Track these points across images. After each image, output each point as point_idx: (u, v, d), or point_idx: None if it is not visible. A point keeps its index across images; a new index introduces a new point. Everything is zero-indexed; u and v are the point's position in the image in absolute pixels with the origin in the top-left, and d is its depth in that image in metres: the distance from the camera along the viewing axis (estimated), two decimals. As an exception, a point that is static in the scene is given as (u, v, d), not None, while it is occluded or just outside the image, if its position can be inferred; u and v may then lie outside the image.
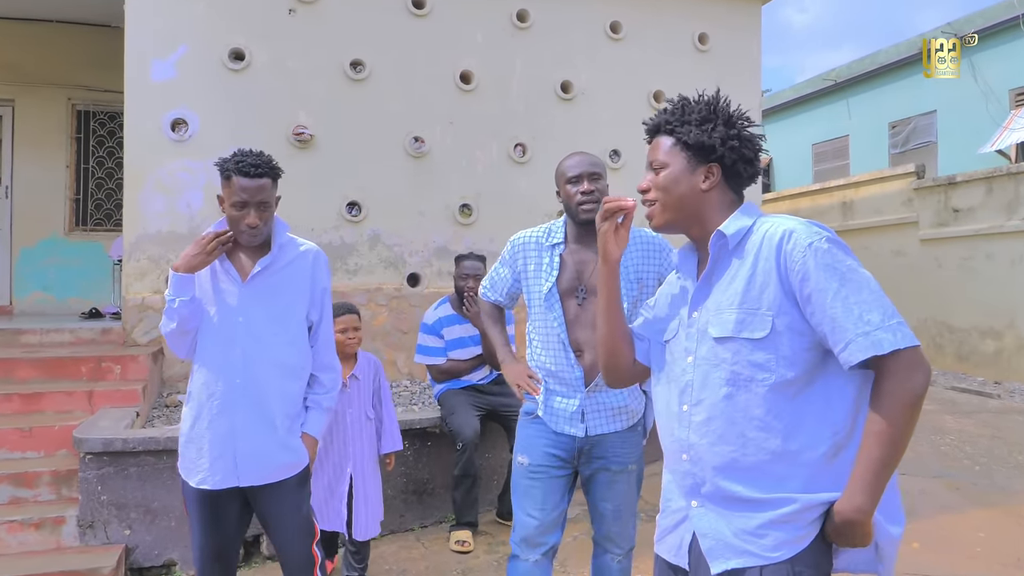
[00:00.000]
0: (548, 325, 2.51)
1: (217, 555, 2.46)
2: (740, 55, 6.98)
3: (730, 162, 1.58)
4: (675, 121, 1.61)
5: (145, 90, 5.14)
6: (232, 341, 2.38)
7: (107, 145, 7.65)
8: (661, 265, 2.52)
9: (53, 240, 7.41)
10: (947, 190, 9.68)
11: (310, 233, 5.47)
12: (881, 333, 1.38)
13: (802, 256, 1.44)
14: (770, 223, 1.54)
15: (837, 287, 1.42)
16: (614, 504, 2.54)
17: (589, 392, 2.48)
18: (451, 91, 5.94)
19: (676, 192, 1.59)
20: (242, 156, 2.36)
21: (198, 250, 2.33)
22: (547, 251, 2.57)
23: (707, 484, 1.54)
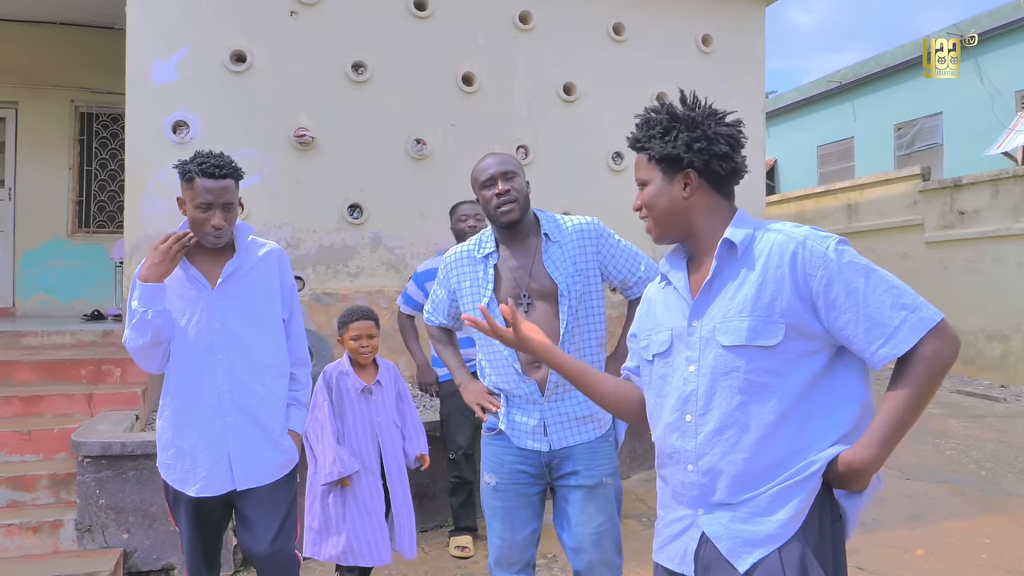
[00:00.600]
0: (491, 344, 2.35)
1: (207, 558, 2.49)
2: (744, 57, 6.94)
3: (701, 164, 1.56)
4: (643, 138, 1.62)
5: (146, 92, 5.13)
6: (212, 348, 2.36)
7: (110, 147, 7.65)
8: (599, 252, 2.40)
9: (56, 242, 7.41)
10: (953, 192, 9.62)
11: (312, 235, 5.47)
12: (919, 314, 1.42)
13: (822, 262, 1.45)
14: (774, 231, 1.53)
15: (864, 285, 1.44)
16: (594, 527, 2.31)
17: (547, 402, 2.33)
18: (453, 93, 5.92)
19: (661, 206, 1.60)
20: (204, 158, 2.33)
21: (161, 257, 2.24)
22: (480, 263, 2.42)
23: (718, 492, 1.52)
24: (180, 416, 2.38)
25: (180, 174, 2.34)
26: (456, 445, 3.94)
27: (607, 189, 6.31)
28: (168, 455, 2.41)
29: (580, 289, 2.35)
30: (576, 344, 2.34)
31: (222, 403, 2.36)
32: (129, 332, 2.31)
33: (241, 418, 2.38)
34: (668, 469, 1.63)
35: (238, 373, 2.37)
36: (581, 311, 2.35)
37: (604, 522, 2.33)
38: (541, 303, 2.35)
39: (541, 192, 5.85)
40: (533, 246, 2.39)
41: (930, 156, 12.17)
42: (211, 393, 2.35)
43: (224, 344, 2.36)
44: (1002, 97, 10.97)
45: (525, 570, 2.44)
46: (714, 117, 1.58)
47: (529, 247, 2.39)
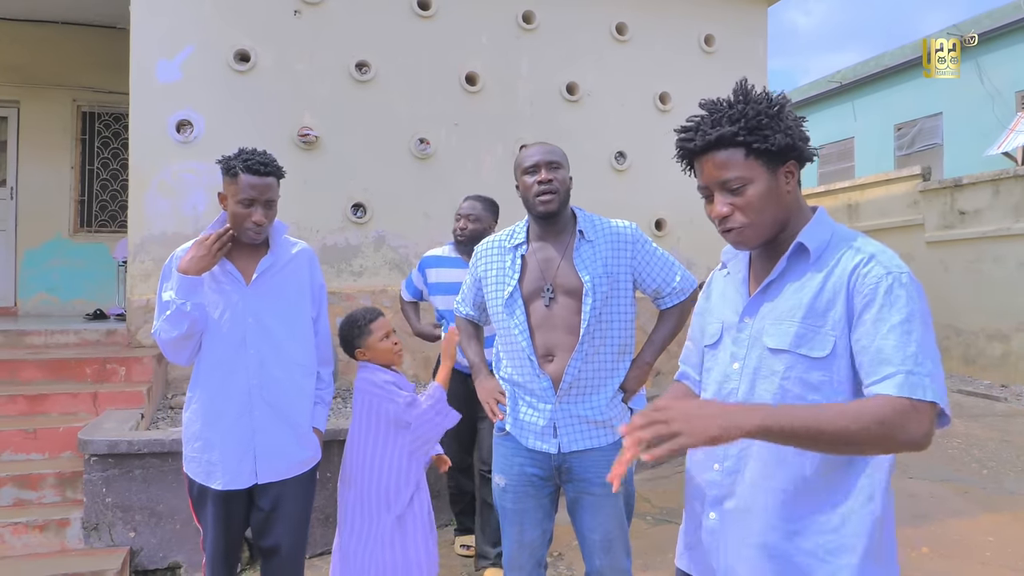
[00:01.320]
0: (509, 332, 2.34)
1: (227, 554, 2.49)
2: (746, 57, 6.96)
3: (805, 153, 1.44)
4: (744, 129, 1.41)
5: (151, 91, 5.14)
6: (244, 342, 2.39)
7: (112, 146, 7.64)
8: (634, 258, 2.35)
9: (57, 241, 7.40)
10: (953, 192, 9.64)
11: (315, 234, 5.47)
12: (927, 380, 1.27)
13: (876, 281, 1.34)
14: (848, 241, 1.43)
15: (900, 321, 1.31)
16: (602, 534, 2.30)
17: (559, 401, 2.29)
18: (456, 93, 5.92)
19: (769, 206, 1.43)
20: (249, 154, 2.35)
21: (203, 251, 2.29)
22: (509, 253, 2.40)
23: (734, 499, 1.47)
24: (209, 409, 2.40)
25: (224, 170, 2.36)
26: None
27: (610, 189, 6.32)
28: (194, 447, 2.42)
29: (606, 291, 2.30)
30: (595, 347, 2.29)
31: (252, 398, 2.38)
32: (162, 324, 2.33)
33: (269, 413, 2.41)
34: (694, 466, 1.59)
35: (269, 369, 2.40)
36: (605, 314, 2.30)
37: (613, 529, 2.31)
38: (565, 298, 2.30)
39: (544, 191, 5.88)
40: (566, 242, 2.35)
41: (930, 156, 12.19)
42: (241, 388, 2.37)
43: (256, 340, 2.39)
44: (1002, 97, 10.99)
45: (536, 571, 2.42)
46: (784, 99, 1.47)
47: (562, 242, 2.36)
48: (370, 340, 2.67)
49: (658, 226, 6.56)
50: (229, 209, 2.37)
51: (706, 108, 1.48)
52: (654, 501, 4.77)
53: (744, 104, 1.42)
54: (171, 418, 4.58)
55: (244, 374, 2.38)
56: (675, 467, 5.71)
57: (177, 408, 4.80)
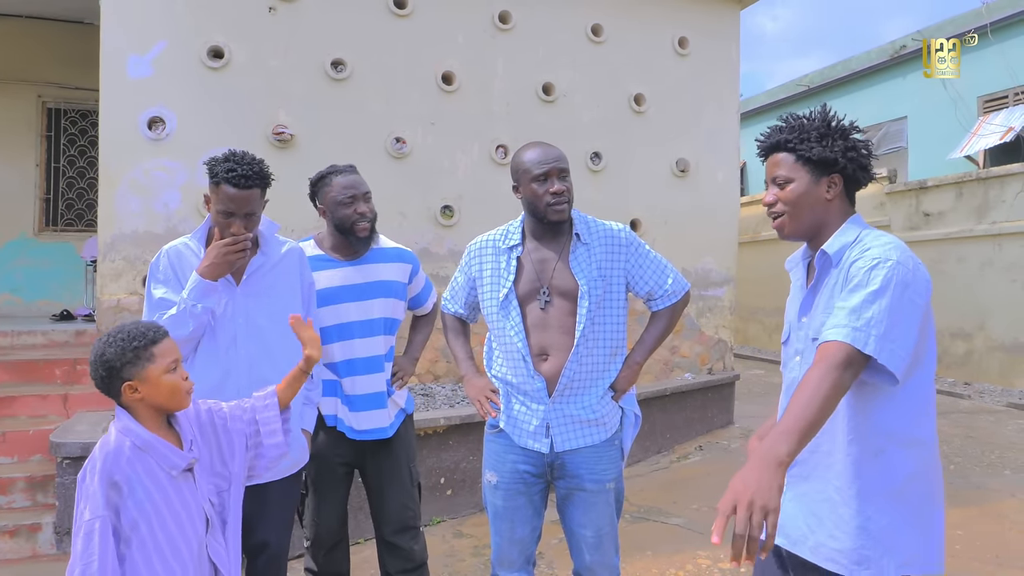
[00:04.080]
0: (505, 333, 2.34)
1: None
2: (719, 59, 7.04)
3: (851, 171, 1.71)
4: (794, 139, 1.73)
5: (121, 87, 5.03)
6: (235, 343, 2.36)
7: (78, 144, 7.49)
8: (628, 261, 2.36)
9: (22, 241, 7.24)
10: (918, 194, 9.86)
11: (290, 234, 5.39)
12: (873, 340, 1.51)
13: (862, 267, 1.59)
14: (874, 242, 1.64)
15: (869, 292, 1.55)
16: (594, 530, 2.31)
17: (553, 402, 2.30)
18: (433, 92, 5.90)
19: (803, 204, 1.73)
20: (234, 163, 2.26)
21: (218, 259, 2.25)
22: (504, 254, 2.39)
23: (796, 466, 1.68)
24: None
25: (208, 174, 2.30)
26: (312, 535, 2.80)
27: (585, 189, 6.34)
28: None
29: (600, 294, 2.31)
30: (589, 348, 2.31)
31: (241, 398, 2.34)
32: (163, 324, 2.20)
33: None
34: None
35: (259, 369, 2.37)
36: (599, 316, 2.31)
37: (604, 526, 2.32)
38: (560, 300, 2.31)
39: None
40: (562, 244, 2.36)
41: (895, 159, 12.44)
42: (231, 388, 2.34)
43: (247, 340, 2.36)
44: (964, 102, 11.25)
45: (525, 568, 2.42)
46: (857, 130, 1.75)
47: (558, 244, 2.36)
48: (151, 370, 1.78)
49: (633, 226, 6.60)
50: (212, 215, 2.33)
51: (781, 120, 1.82)
52: (633, 499, 4.81)
53: (805, 120, 1.75)
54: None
55: (235, 374, 2.35)
56: (651, 466, 5.76)
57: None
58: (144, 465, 1.75)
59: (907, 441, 1.62)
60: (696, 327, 6.97)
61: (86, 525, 1.66)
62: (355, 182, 2.74)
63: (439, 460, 4.53)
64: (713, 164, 6.98)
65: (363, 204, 2.70)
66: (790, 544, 1.72)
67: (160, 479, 1.77)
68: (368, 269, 2.75)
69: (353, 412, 2.70)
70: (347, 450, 2.73)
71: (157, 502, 1.75)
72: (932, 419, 1.67)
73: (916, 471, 1.63)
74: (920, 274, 1.59)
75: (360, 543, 4.04)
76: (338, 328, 2.70)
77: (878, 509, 1.61)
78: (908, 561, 1.60)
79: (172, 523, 1.77)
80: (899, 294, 1.54)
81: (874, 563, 1.59)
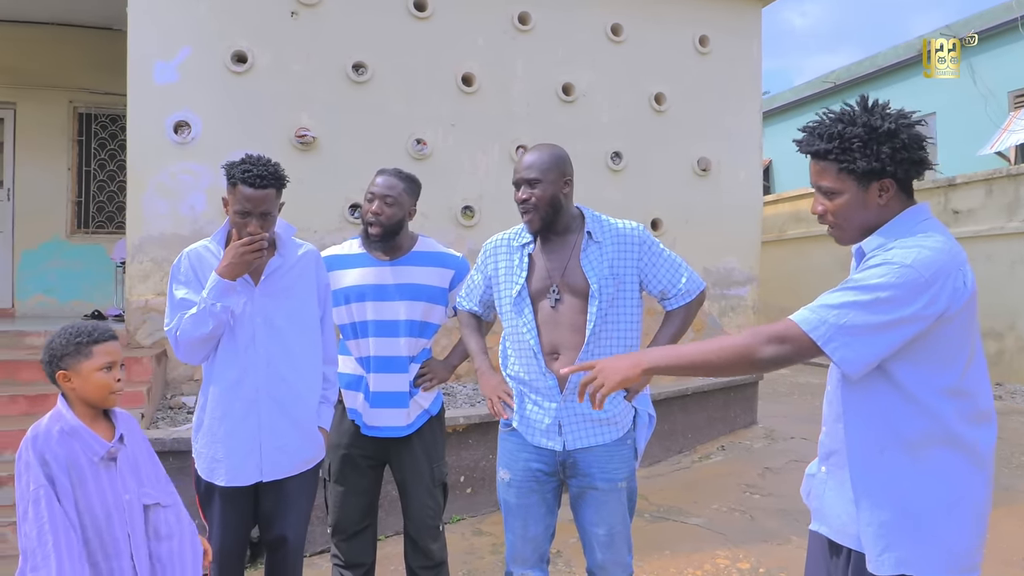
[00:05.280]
0: (518, 331, 2.36)
1: (234, 552, 2.52)
2: (741, 57, 7.00)
3: (903, 173, 1.60)
4: (836, 149, 1.59)
5: (148, 92, 5.15)
6: (253, 342, 2.42)
7: (109, 148, 7.65)
8: (641, 260, 2.35)
9: (55, 243, 7.40)
10: (947, 192, 9.71)
11: (313, 235, 5.48)
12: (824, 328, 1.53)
13: (873, 263, 1.56)
14: (913, 242, 1.55)
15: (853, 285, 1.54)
16: (606, 528, 2.32)
17: (564, 399, 2.31)
18: (453, 93, 5.95)
19: (854, 215, 1.63)
20: (249, 164, 2.34)
21: (235, 259, 2.32)
22: (516, 251, 2.42)
23: (833, 456, 1.73)
24: (218, 406, 2.43)
25: (226, 176, 2.37)
26: (333, 522, 2.88)
27: (606, 189, 6.35)
28: (202, 443, 2.46)
29: (612, 292, 2.32)
30: (600, 347, 2.31)
31: (259, 396, 2.42)
32: (185, 323, 2.34)
33: (276, 411, 2.44)
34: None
35: (277, 368, 2.43)
36: (611, 315, 2.32)
37: (616, 524, 2.34)
38: (571, 298, 2.32)
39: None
40: (572, 242, 2.36)
41: (924, 156, 12.25)
42: (249, 386, 2.41)
43: (265, 339, 2.42)
44: (995, 97, 11.06)
45: (539, 565, 2.44)
46: (905, 121, 1.59)
47: (568, 243, 2.36)
48: (85, 365, 1.96)
49: (654, 226, 6.59)
50: (229, 216, 2.40)
51: (820, 117, 1.65)
52: (652, 499, 4.81)
53: (844, 125, 1.59)
54: (170, 418, 4.59)
55: (252, 373, 2.42)
56: (673, 466, 5.75)
57: (177, 408, 4.81)
58: (68, 449, 1.93)
59: (915, 443, 1.59)
60: (718, 326, 6.93)
61: (32, 495, 1.85)
62: (380, 183, 2.78)
63: (459, 459, 4.56)
64: (735, 163, 6.94)
65: (379, 204, 2.72)
66: (832, 532, 1.74)
67: (82, 464, 1.93)
68: (402, 271, 2.79)
69: (372, 408, 2.75)
70: (368, 444, 2.78)
71: (78, 484, 1.92)
72: (955, 426, 1.59)
73: (926, 474, 1.59)
74: (940, 283, 1.49)
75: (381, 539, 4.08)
76: (361, 325, 2.76)
77: (876, 504, 1.62)
78: (905, 560, 1.59)
79: (96, 507, 1.94)
80: (890, 295, 1.48)
81: (874, 555, 1.62)
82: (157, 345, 5.08)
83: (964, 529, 1.61)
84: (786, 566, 3.77)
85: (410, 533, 2.84)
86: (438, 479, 2.86)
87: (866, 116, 1.59)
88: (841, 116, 1.62)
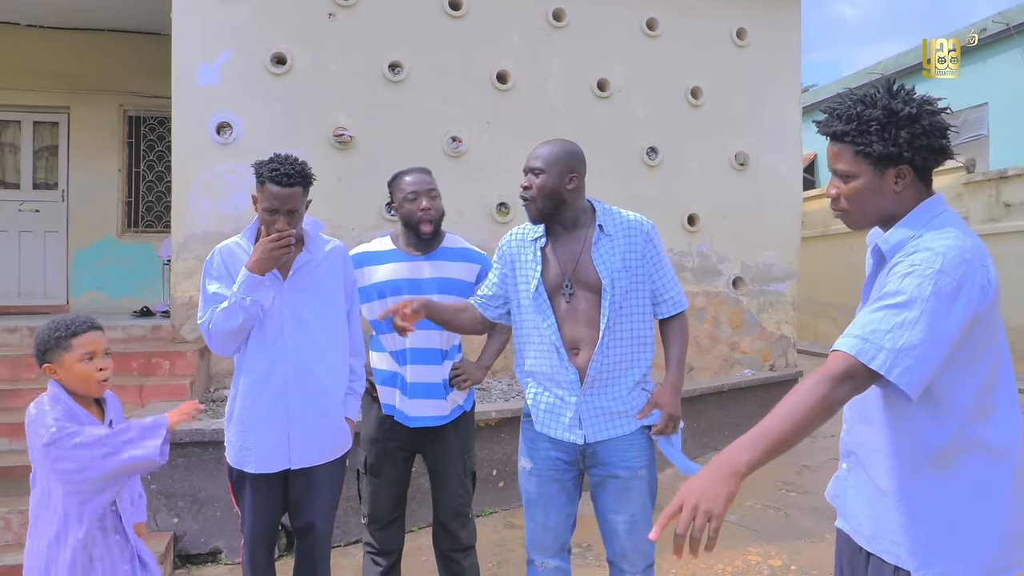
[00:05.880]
0: (539, 326, 2.37)
1: (264, 538, 2.60)
2: (779, 50, 6.90)
3: (920, 160, 1.56)
4: (853, 131, 1.57)
5: (192, 95, 5.31)
6: (282, 334, 2.51)
7: (157, 149, 7.89)
8: (646, 247, 2.37)
9: (107, 241, 7.67)
10: (998, 184, 9.42)
11: (350, 232, 5.58)
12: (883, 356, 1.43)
13: (898, 272, 1.50)
14: (931, 244, 1.50)
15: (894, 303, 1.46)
16: (627, 516, 2.35)
17: (584, 393, 2.35)
18: (488, 91, 5.99)
19: (868, 200, 1.60)
20: (278, 163, 2.42)
21: (267, 255, 2.40)
22: (530, 246, 2.43)
23: (852, 456, 1.71)
24: (248, 396, 2.52)
25: (255, 175, 2.46)
26: (368, 512, 2.95)
27: (642, 184, 6.33)
28: (233, 431, 2.56)
29: (626, 285, 2.33)
30: (615, 340, 2.33)
31: (288, 387, 2.50)
32: (217, 316, 2.43)
33: (304, 402, 2.52)
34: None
35: (304, 360, 2.52)
36: (626, 307, 2.33)
37: (637, 512, 2.36)
38: (584, 293, 2.33)
39: (575, 188, 5.92)
40: (583, 236, 2.37)
41: (975, 148, 11.89)
42: (278, 377, 2.50)
43: (293, 332, 2.51)
44: (1050, 86, 10.69)
45: (560, 554, 2.47)
46: (928, 107, 1.55)
47: (579, 237, 2.38)
48: (66, 357, 2.12)
49: (691, 221, 6.54)
50: (259, 214, 2.48)
51: (840, 98, 1.62)
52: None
53: (864, 107, 1.56)
54: (213, 411, 4.74)
55: (281, 364, 2.50)
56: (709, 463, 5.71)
57: (219, 401, 4.96)
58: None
59: (943, 453, 1.55)
60: (757, 323, 6.85)
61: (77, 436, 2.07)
62: (421, 180, 2.89)
63: (491, 452, 4.61)
64: (774, 157, 6.85)
65: (426, 200, 2.83)
66: (851, 531, 1.72)
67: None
68: (436, 265, 2.88)
69: (410, 399, 2.81)
70: (404, 436, 2.86)
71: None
72: (979, 427, 1.55)
73: (955, 483, 1.56)
74: (969, 285, 1.46)
75: (414, 530, 4.16)
76: None
77: (912, 520, 1.57)
78: (944, 574, 1.56)
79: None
80: (931, 307, 1.43)
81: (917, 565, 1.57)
82: (201, 340, 5.22)
83: (997, 532, 1.58)
84: (819, 564, 3.73)
85: (440, 519, 2.94)
86: (468, 468, 2.95)
87: (887, 99, 1.56)
88: (862, 98, 1.58)
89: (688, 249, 6.55)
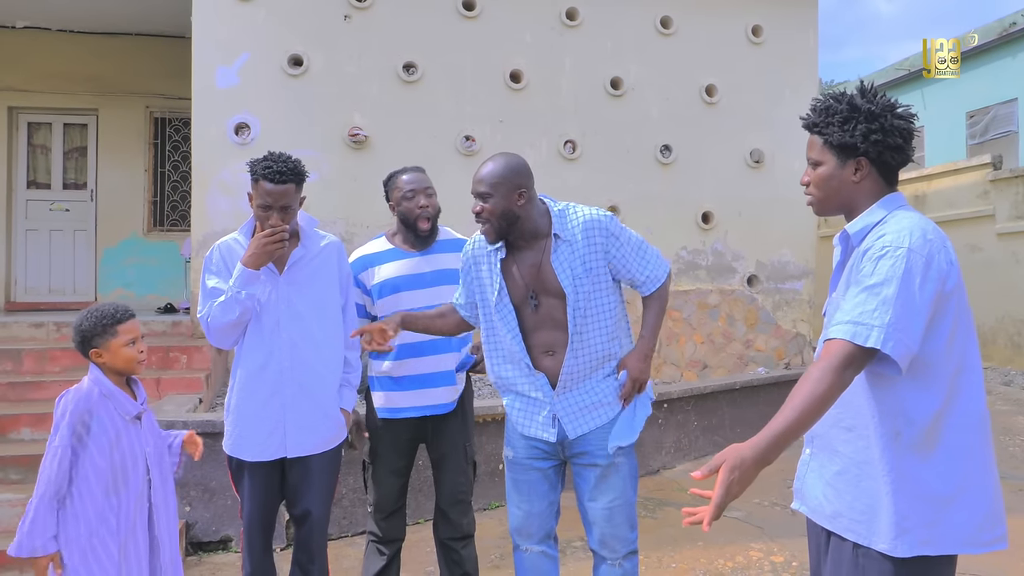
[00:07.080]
0: (502, 337, 2.43)
1: (262, 524, 2.69)
2: (795, 47, 6.86)
3: (875, 154, 1.69)
4: (820, 122, 1.74)
5: (211, 96, 5.44)
6: (278, 327, 2.59)
7: (182, 149, 8.07)
8: (608, 243, 2.36)
9: (133, 240, 7.88)
10: (1026, 181, 9.24)
11: (366, 231, 5.67)
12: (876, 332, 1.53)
13: (871, 255, 1.61)
14: (893, 227, 1.64)
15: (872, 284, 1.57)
16: (606, 502, 2.38)
17: (557, 395, 2.39)
18: (501, 90, 6.05)
19: (830, 187, 1.75)
20: (271, 161, 2.50)
21: (261, 250, 2.47)
22: (486, 257, 2.45)
23: (817, 439, 1.77)
24: (245, 387, 2.61)
25: (249, 172, 2.54)
26: (374, 501, 3.01)
27: (655, 182, 6.34)
28: (231, 421, 2.65)
29: (589, 288, 2.35)
30: (586, 342, 2.38)
31: (284, 378, 2.59)
32: (213, 310, 2.52)
33: (299, 393, 2.60)
34: None
35: (300, 352, 2.60)
36: (591, 308, 2.36)
37: (616, 498, 2.40)
38: (550, 300, 2.37)
39: (589, 186, 5.96)
40: (542, 245, 2.38)
41: (1004, 144, 11.69)
42: (274, 368, 2.58)
43: (289, 325, 2.59)
44: (1082, 81, 10.46)
45: (546, 541, 2.52)
46: (891, 109, 1.70)
47: (538, 247, 2.39)
48: (113, 343, 2.31)
49: (705, 219, 6.54)
50: (253, 210, 2.56)
51: (823, 96, 1.79)
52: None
53: (834, 102, 1.73)
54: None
55: (277, 355, 2.58)
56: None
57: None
58: (106, 408, 2.31)
59: (925, 426, 1.61)
60: (772, 321, 6.82)
61: (56, 450, 2.23)
62: (417, 178, 2.95)
63: (498, 446, 4.65)
64: (790, 154, 6.80)
65: (424, 198, 2.89)
66: (809, 511, 1.80)
67: (116, 420, 2.31)
68: (434, 259, 2.95)
69: (419, 390, 2.88)
70: (409, 425, 2.94)
71: (112, 437, 2.29)
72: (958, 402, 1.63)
73: (937, 454, 1.62)
74: (937, 260, 1.59)
75: (420, 523, 4.23)
76: None
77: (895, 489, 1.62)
78: (925, 540, 1.61)
79: (124, 458, 2.31)
80: (907, 282, 1.55)
81: (884, 537, 1.62)
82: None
83: (979, 503, 1.64)
84: (821, 560, 3.72)
85: (442, 506, 3.01)
86: (470, 456, 3.03)
87: (855, 97, 1.72)
88: (837, 95, 1.75)
89: (702, 247, 6.55)
